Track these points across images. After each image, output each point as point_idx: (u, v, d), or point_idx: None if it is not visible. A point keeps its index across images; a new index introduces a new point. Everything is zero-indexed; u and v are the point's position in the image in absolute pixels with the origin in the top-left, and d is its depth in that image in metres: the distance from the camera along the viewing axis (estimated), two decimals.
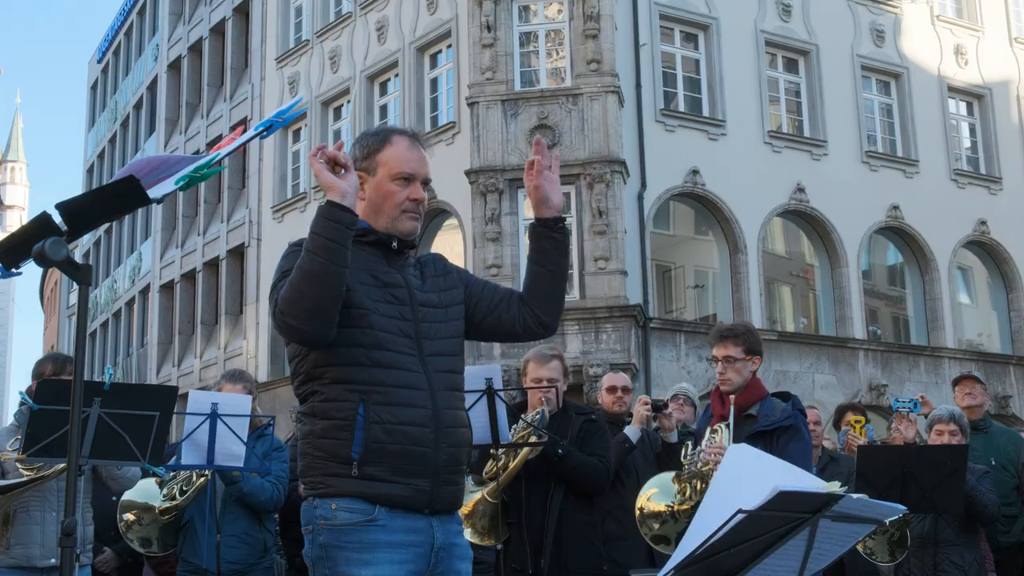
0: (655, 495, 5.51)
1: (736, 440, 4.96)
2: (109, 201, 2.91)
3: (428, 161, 3.29)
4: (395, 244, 3.21)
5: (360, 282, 3.10)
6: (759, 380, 5.19)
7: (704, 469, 5.05)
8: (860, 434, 7.94)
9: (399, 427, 3.03)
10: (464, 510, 5.28)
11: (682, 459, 5.35)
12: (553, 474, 5.52)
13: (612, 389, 6.97)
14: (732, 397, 5.04)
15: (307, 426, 3.11)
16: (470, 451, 3.33)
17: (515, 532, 5.55)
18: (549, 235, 3.28)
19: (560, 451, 5.48)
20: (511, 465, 5.47)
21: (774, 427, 4.93)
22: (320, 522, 3.04)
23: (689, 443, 5.44)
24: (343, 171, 3.00)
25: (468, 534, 5.37)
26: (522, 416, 5.65)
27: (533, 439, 5.43)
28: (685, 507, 5.25)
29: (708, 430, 5.17)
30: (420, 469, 3.05)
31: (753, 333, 5.19)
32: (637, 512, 5.54)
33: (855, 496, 2.39)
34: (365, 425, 3.00)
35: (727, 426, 5.04)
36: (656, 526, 5.49)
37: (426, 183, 3.27)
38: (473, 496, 5.47)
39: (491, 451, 5.48)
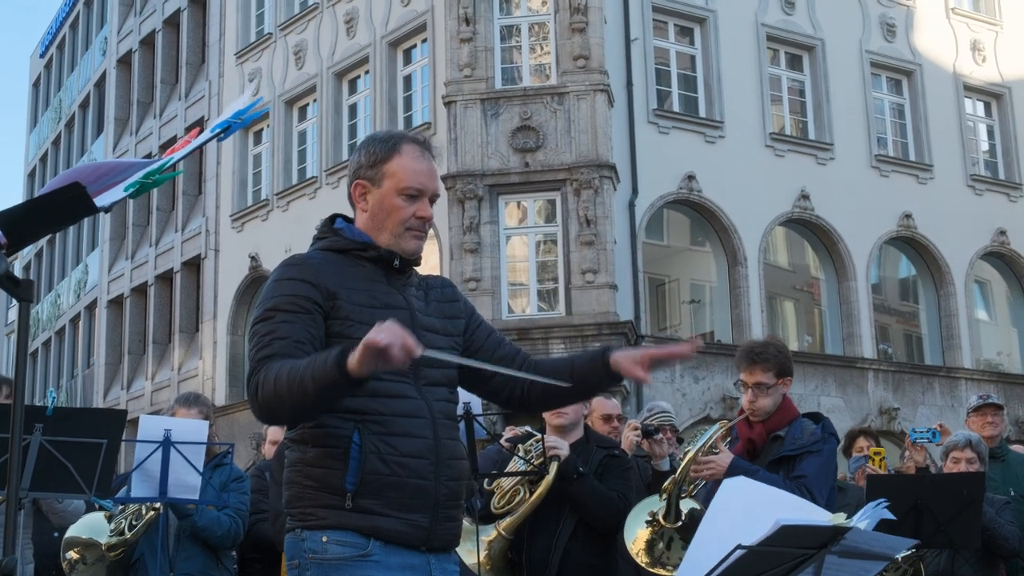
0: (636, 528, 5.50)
1: (762, 463, 5.01)
2: (52, 210, 2.90)
3: (437, 173, 3.29)
4: (397, 263, 3.22)
5: (357, 304, 3.11)
6: (790, 400, 5.24)
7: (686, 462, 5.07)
8: (880, 467, 7.79)
9: (399, 458, 3.05)
10: (482, 555, 5.27)
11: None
12: (564, 505, 5.48)
13: (608, 418, 6.74)
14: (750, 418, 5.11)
15: (296, 453, 3.12)
16: (469, 485, 3.33)
17: (517, 572, 5.54)
18: (605, 385, 3.36)
19: (580, 469, 5.46)
20: (530, 498, 5.45)
21: (800, 451, 4.99)
22: (308, 556, 3.04)
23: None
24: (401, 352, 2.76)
25: (486, 573, 5.37)
26: (503, 440, 5.65)
27: (553, 466, 5.40)
28: (669, 519, 5.25)
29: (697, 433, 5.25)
30: (419, 503, 3.07)
31: (784, 353, 5.24)
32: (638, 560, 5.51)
33: (863, 529, 2.40)
34: (361, 455, 3.02)
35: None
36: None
37: (434, 199, 3.26)
38: (487, 534, 5.43)
39: (475, 483, 5.46)
